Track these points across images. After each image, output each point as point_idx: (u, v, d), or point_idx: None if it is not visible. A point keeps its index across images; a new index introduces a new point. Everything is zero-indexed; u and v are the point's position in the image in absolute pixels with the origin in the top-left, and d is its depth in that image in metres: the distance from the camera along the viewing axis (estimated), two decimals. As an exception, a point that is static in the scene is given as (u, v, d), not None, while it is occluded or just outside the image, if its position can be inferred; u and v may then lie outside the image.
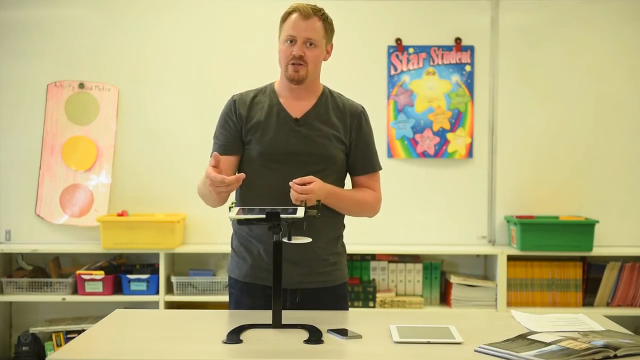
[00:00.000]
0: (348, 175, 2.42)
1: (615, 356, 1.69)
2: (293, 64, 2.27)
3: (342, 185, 2.37)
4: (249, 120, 2.31)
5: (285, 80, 2.33)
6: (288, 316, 1.99)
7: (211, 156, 2.22)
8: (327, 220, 2.24)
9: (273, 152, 2.28)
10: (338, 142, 2.31)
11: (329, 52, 2.37)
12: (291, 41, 2.27)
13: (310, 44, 2.27)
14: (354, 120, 2.35)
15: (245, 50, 4.05)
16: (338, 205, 2.29)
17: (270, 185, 2.25)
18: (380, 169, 2.42)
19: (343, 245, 2.40)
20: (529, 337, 1.84)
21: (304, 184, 2.15)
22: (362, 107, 2.40)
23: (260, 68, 4.07)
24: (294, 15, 2.27)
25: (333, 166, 2.31)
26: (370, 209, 2.39)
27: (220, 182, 2.04)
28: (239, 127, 2.32)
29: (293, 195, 2.14)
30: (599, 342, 1.75)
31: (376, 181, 2.41)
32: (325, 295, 2.29)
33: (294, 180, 2.15)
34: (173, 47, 4.06)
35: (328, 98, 2.37)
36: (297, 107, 2.33)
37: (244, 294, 2.32)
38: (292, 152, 2.27)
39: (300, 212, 1.96)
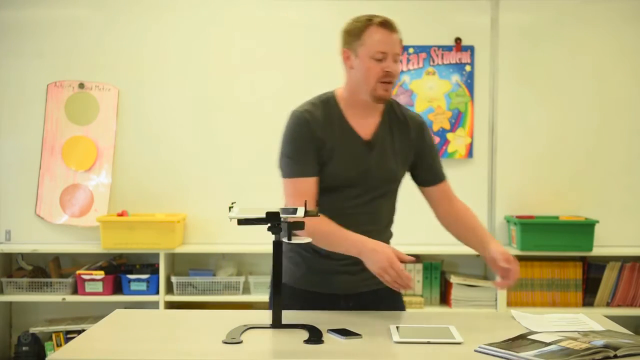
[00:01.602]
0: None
1: (615, 356, 1.68)
2: (384, 82, 2.13)
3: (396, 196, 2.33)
4: (325, 143, 2.16)
5: (356, 96, 2.18)
6: (288, 316, 1.99)
7: (295, 175, 2.12)
8: (379, 231, 2.24)
9: (342, 176, 2.17)
10: (404, 161, 2.25)
11: None
12: (381, 59, 2.12)
13: (395, 60, 2.15)
14: (418, 134, 2.26)
15: (245, 50, 4.05)
16: None
17: (333, 206, 2.16)
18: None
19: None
20: (529, 337, 1.84)
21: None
22: (422, 118, 2.33)
23: (260, 68, 4.08)
24: (382, 29, 2.14)
25: (396, 185, 2.28)
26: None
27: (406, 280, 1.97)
28: (317, 148, 2.16)
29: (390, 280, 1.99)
30: (599, 342, 1.75)
31: (450, 187, 2.36)
32: (379, 295, 2.25)
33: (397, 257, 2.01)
34: (173, 47, 4.06)
35: (390, 111, 2.25)
36: (364, 125, 2.21)
37: (294, 299, 2.22)
38: (362, 176, 2.18)
39: (300, 212, 1.96)
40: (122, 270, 3.94)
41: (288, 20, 4.07)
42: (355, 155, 2.18)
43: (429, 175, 2.32)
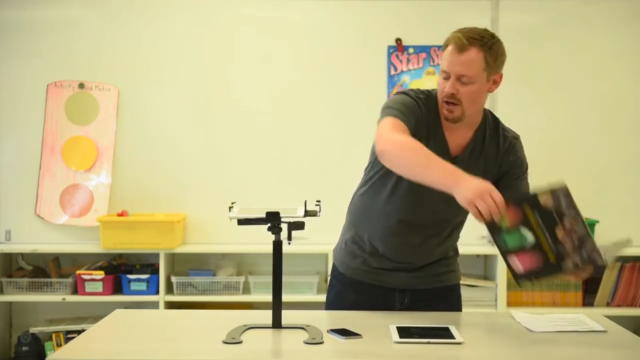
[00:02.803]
0: None
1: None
2: (446, 102, 2.04)
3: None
4: (420, 137, 2.02)
5: None
6: (288, 316, 1.99)
7: (397, 117, 1.95)
8: (440, 239, 2.19)
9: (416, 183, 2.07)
10: (489, 176, 2.08)
11: (496, 82, 2.09)
12: (445, 78, 2.05)
13: (463, 82, 2.02)
14: (507, 151, 2.17)
15: (244, 50, 4.06)
16: None
17: (395, 206, 2.12)
18: None
19: (456, 248, 2.34)
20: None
21: None
22: (515, 135, 2.23)
23: (259, 67, 4.08)
24: (451, 47, 2.03)
25: None
26: None
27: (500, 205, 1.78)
28: (414, 127, 2.03)
29: None
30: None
31: None
32: (437, 295, 2.24)
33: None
34: (172, 47, 4.06)
35: (486, 127, 2.16)
36: (457, 138, 2.11)
37: (349, 289, 2.26)
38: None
39: (300, 212, 1.96)
40: (122, 270, 3.93)
41: (288, 21, 4.07)
42: None
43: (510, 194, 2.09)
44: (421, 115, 2.07)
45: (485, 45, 2.02)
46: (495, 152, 2.16)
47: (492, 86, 2.08)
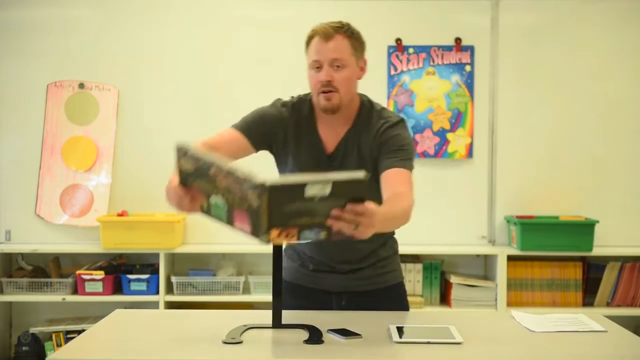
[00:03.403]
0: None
1: None
2: (323, 92, 2.09)
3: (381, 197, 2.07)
4: (286, 143, 2.17)
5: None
6: (288, 316, 1.99)
7: (232, 126, 2.23)
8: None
9: None
10: (366, 164, 2.11)
11: (362, 69, 2.18)
12: (317, 67, 2.10)
13: (338, 66, 2.09)
14: (382, 132, 2.13)
15: (244, 50, 4.06)
16: (388, 227, 2.05)
17: None
18: (410, 169, 2.09)
19: (392, 247, 2.31)
20: None
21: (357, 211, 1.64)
22: (392, 118, 2.17)
23: (259, 67, 4.08)
24: (315, 39, 2.11)
25: (372, 191, 2.03)
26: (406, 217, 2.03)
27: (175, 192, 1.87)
28: (270, 136, 2.20)
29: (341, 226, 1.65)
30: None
31: (399, 179, 2.06)
32: (375, 296, 2.23)
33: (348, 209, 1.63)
34: (173, 47, 4.06)
35: (362, 115, 2.17)
36: (332, 135, 2.16)
37: (289, 293, 2.24)
38: None
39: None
40: (122, 270, 3.94)
41: (287, 20, 4.07)
42: (314, 167, 2.08)
43: (383, 162, 2.10)
44: (283, 120, 2.18)
45: (348, 32, 2.13)
46: (369, 139, 2.15)
47: (360, 72, 2.17)
